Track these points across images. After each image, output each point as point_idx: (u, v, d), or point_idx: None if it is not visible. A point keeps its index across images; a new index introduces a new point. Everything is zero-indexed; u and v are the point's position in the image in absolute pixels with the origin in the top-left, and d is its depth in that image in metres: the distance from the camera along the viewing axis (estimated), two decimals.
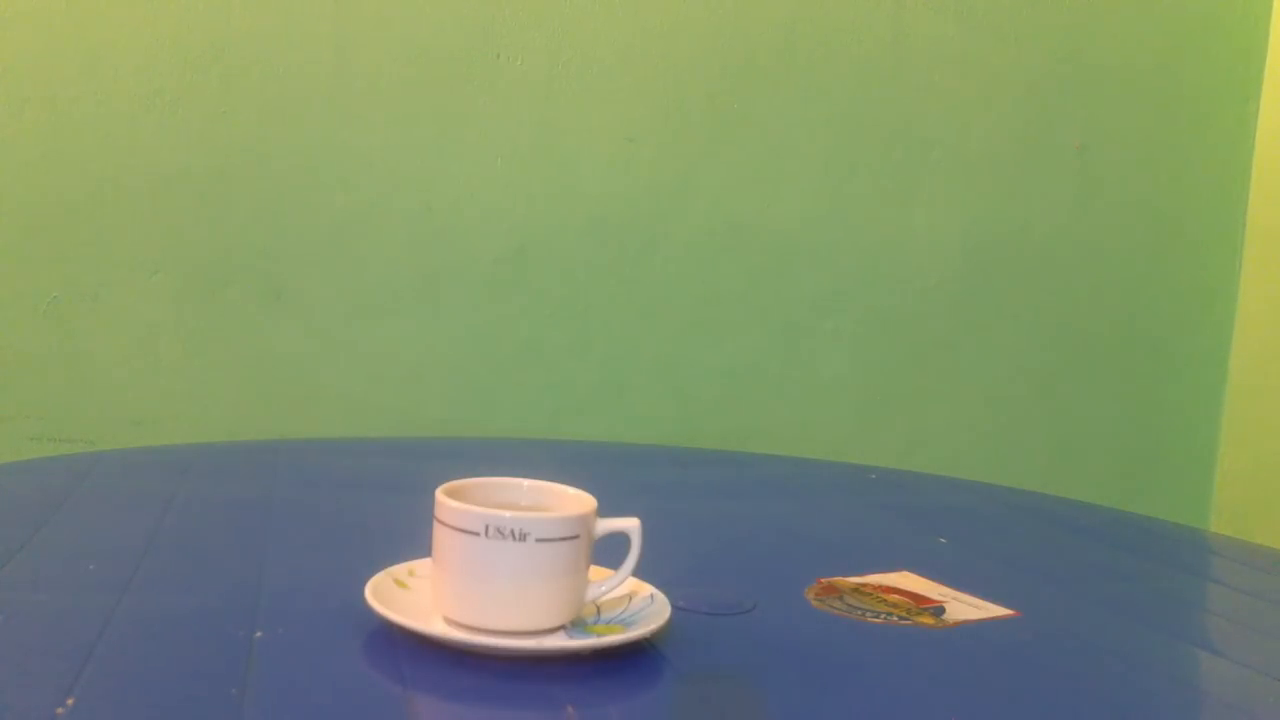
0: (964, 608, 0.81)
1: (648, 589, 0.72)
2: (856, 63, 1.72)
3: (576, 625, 0.67)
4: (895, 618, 0.77)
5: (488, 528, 0.63)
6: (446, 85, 1.57)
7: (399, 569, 0.71)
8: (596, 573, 0.68)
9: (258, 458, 1.17)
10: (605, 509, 0.68)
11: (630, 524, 0.68)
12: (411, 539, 0.74)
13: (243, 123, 1.51)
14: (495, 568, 0.64)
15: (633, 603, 0.70)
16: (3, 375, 1.46)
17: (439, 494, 0.66)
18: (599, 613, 0.69)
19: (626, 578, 0.68)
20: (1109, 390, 1.90)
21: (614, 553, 0.68)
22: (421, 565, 0.72)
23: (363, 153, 1.55)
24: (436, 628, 0.64)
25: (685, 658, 0.67)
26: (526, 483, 0.71)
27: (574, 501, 0.69)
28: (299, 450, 1.25)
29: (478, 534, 0.63)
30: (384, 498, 1.02)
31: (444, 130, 1.58)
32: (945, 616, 0.78)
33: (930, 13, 1.74)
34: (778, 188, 1.72)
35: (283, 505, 0.96)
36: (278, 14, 1.50)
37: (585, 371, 1.66)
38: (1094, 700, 0.65)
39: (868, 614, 0.77)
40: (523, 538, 0.63)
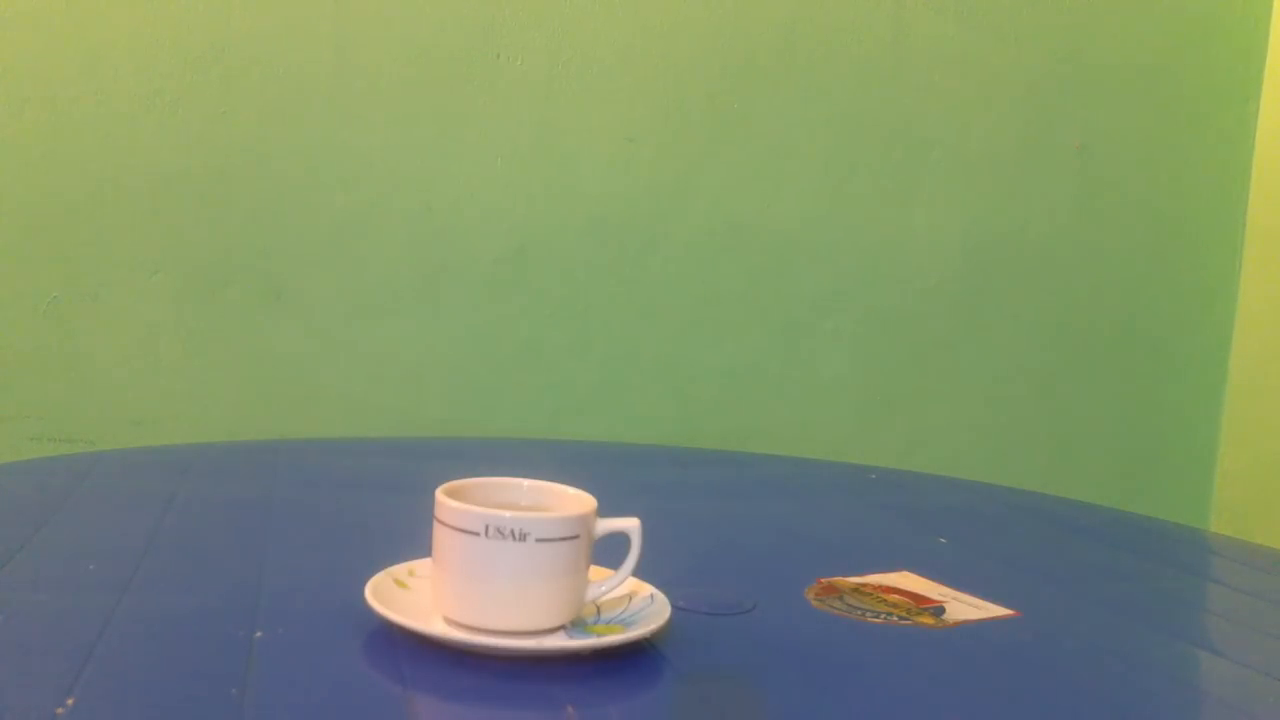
0: (964, 608, 0.81)
1: (648, 589, 0.72)
2: (856, 63, 1.72)
3: (576, 625, 0.67)
4: (895, 618, 0.77)
5: (488, 528, 0.63)
6: (446, 85, 1.57)
7: (399, 569, 0.71)
8: (596, 573, 0.68)
9: (258, 458, 1.17)
10: (605, 509, 0.68)
11: (630, 524, 0.68)
12: (411, 539, 0.74)
13: (243, 123, 1.51)
14: (495, 568, 0.64)
15: (633, 603, 0.70)
16: (3, 375, 1.46)
17: (439, 494, 0.66)
18: (599, 613, 0.69)
19: (626, 578, 0.68)
20: (1109, 390, 1.90)
21: (614, 553, 0.68)
22: (421, 565, 0.72)
23: (363, 153, 1.55)
24: (436, 628, 0.64)
25: (685, 658, 0.67)
26: (526, 483, 0.71)
27: (574, 501, 0.69)
28: (299, 450, 1.25)
29: (478, 534, 0.63)
30: (384, 498, 1.02)
31: (444, 130, 1.58)
32: (945, 616, 0.78)
33: (930, 13, 1.74)
34: (778, 188, 1.72)
35: (283, 505, 0.96)
36: (278, 14, 1.50)
37: (585, 371, 1.66)
38: (1094, 700, 0.65)
39: (868, 614, 0.77)
40: (523, 538, 0.63)
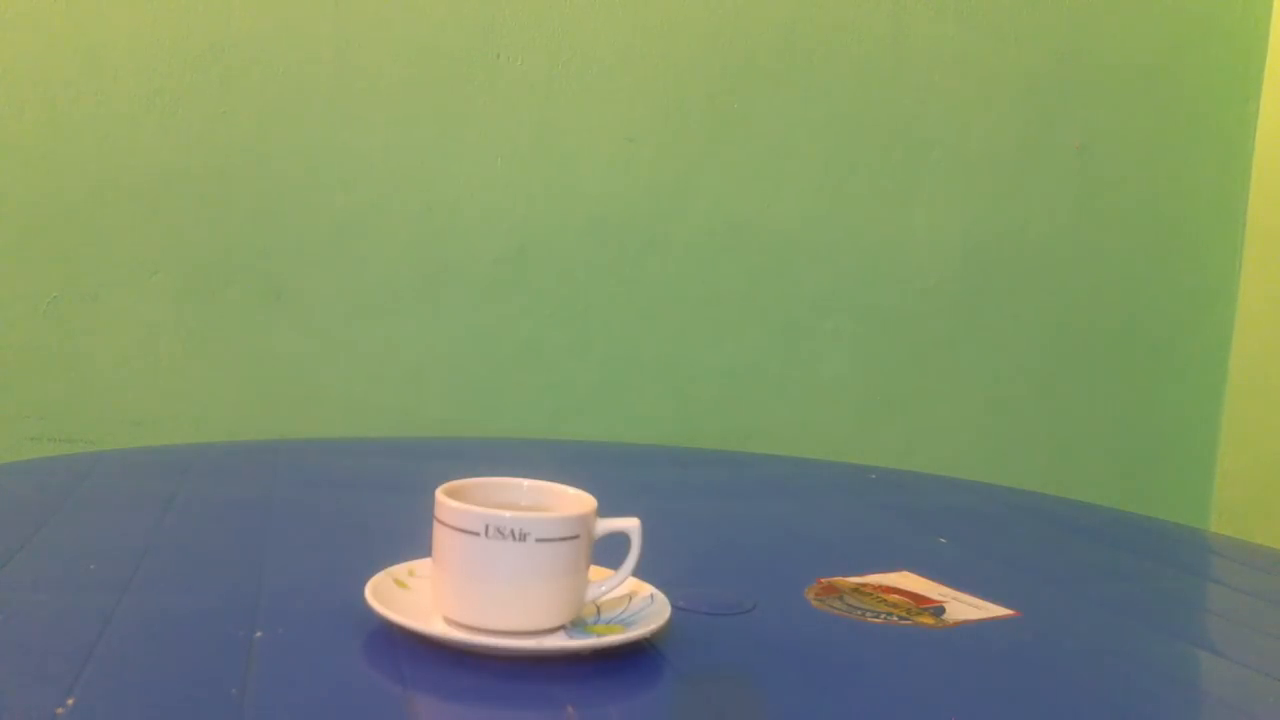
0: (964, 608, 0.81)
1: (648, 589, 0.72)
2: (856, 63, 1.72)
3: (576, 625, 0.67)
4: (895, 618, 0.77)
5: (488, 528, 0.63)
6: (446, 85, 1.57)
7: (399, 569, 0.71)
8: (596, 573, 0.68)
9: (258, 458, 1.17)
10: (605, 509, 0.68)
11: (630, 524, 0.68)
12: (411, 539, 0.74)
13: (243, 123, 1.51)
14: (495, 568, 0.64)
15: (633, 603, 0.70)
16: (3, 375, 1.46)
17: (439, 494, 0.66)
18: (599, 613, 0.69)
19: (626, 578, 0.68)
20: (1109, 390, 1.90)
21: (614, 553, 0.68)
22: (421, 565, 0.72)
23: (363, 153, 1.55)
24: (436, 628, 0.64)
25: (685, 658, 0.66)
26: (526, 483, 0.71)
27: (574, 501, 0.69)
28: (299, 450, 1.25)
29: (478, 534, 0.63)
30: (384, 498, 1.02)
31: (444, 130, 1.58)
32: (945, 616, 0.78)
33: (930, 13, 1.74)
34: (778, 188, 1.72)
35: (283, 505, 0.96)
36: (278, 14, 1.50)
37: (585, 371, 1.66)
38: (1094, 700, 0.65)
39: (868, 614, 0.77)
40: (523, 538, 0.63)
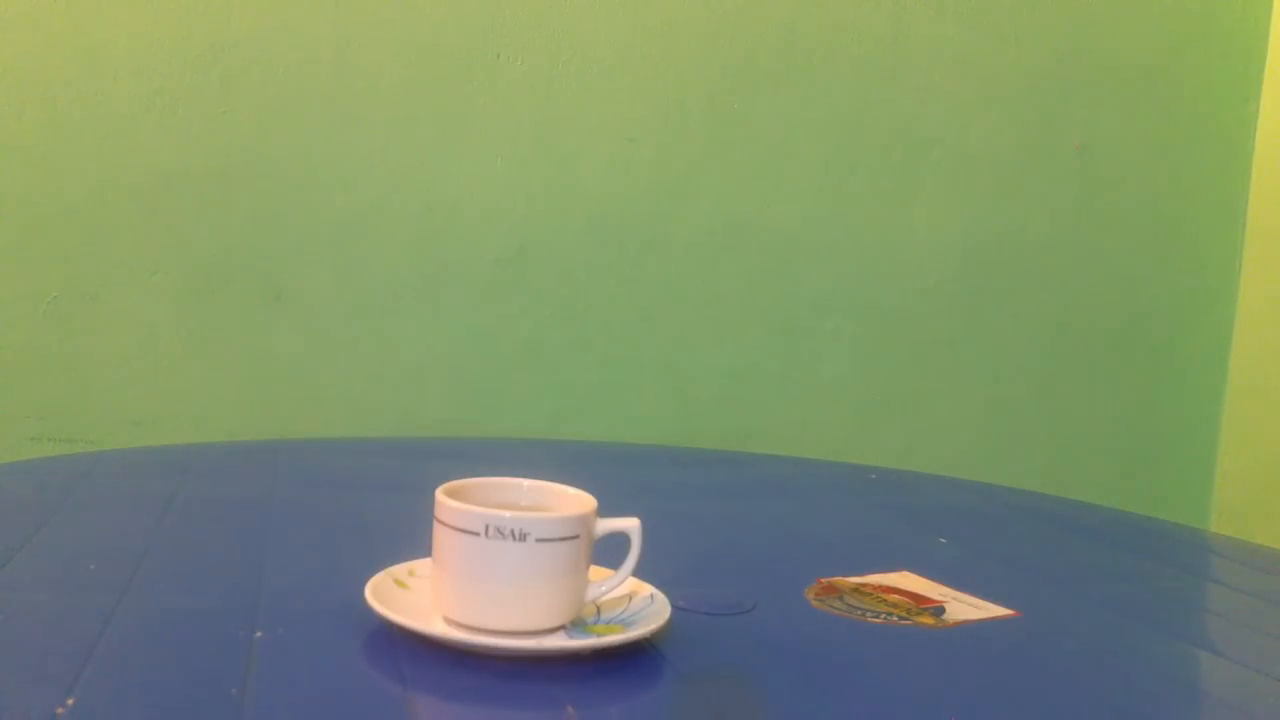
0: (964, 608, 0.81)
1: (648, 589, 0.72)
2: (856, 63, 1.72)
3: (576, 625, 0.67)
4: (895, 618, 0.77)
5: (488, 528, 0.63)
6: (446, 85, 1.57)
7: (399, 569, 0.71)
8: (596, 573, 0.68)
9: (258, 458, 1.17)
10: (605, 509, 0.68)
11: (630, 524, 0.68)
12: (411, 539, 0.74)
13: (243, 123, 1.51)
14: (495, 568, 0.64)
15: (633, 603, 0.70)
16: (3, 375, 1.46)
17: (439, 494, 0.66)
18: (599, 613, 0.69)
19: (626, 578, 0.68)
20: (1109, 390, 1.90)
21: (614, 553, 0.68)
22: (421, 565, 0.72)
23: (363, 153, 1.55)
24: (436, 628, 0.64)
25: (685, 658, 0.66)
26: (526, 483, 0.71)
27: (574, 501, 0.69)
28: (299, 450, 1.25)
29: (478, 534, 0.63)
30: (384, 498, 1.02)
31: (444, 130, 1.58)
32: (945, 616, 0.78)
33: (930, 13, 1.74)
34: (778, 188, 1.72)
35: (283, 505, 0.96)
36: (278, 14, 1.50)
37: (585, 371, 1.66)
38: (1094, 700, 0.65)
39: (868, 614, 0.77)
40: (523, 538, 0.63)
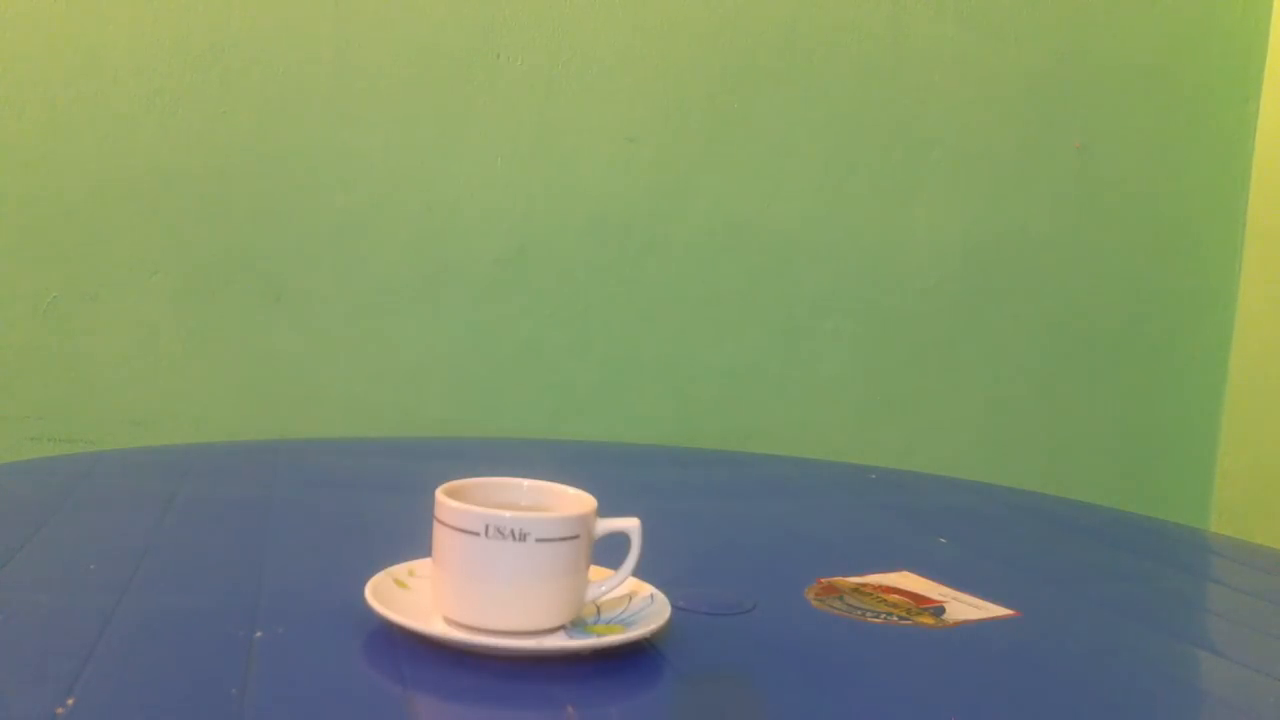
0: (964, 608, 0.81)
1: (648, 589, 0.72)
2: (856, 63, 1.72)
3: (576, 625, 0.67)
4: (895, 618, 0.77)
5: (488, 528, 0.63)
6: (446, 85, 1.57)
7: (399, 569, 0.71)
8: (596, 573, 0.68)
9: (258, 458, 1.17)
10: (605, 509, 0.68)
11: (630, 524, 0.68)
12: (411, 539, 0.74)
13: (243, 123, 1.50)
14: (495, 568, 0.64)
15: (633, 603, 0.70)
16: (3, 375, 1.46)
17: (439, 494, 0.66)
18: (599, 613, 0.69)
19: (626, 578, 0.68)
20: (1109, 390, 1.90)
21: (614, 553, 0.68)
22: (421, 565, 0.72)
23: (363, 153, 1.55)
24: (436, 628, 0.64)
25: (685, 658, 0.66)
26: (526, 483, 0.71)
27: (574, 501, 0.69)
28: (299, 450, 1.25)
29: (478, 534, 0.63)
30: (384, 498, 1.02)
31: (444, 130, 1.58)
32: (945, 616, 0.78)
33: (930, 13, 1.74)
34: (778, 188, 1.72)
35: (283, 505, 0.96)
36: (278, 14, 1.50)
37: (585, 371, 1.66)
38: (1094, 700, 0.65)
39: (868, 614, 0.77)
40: (523, 538, 0.63)
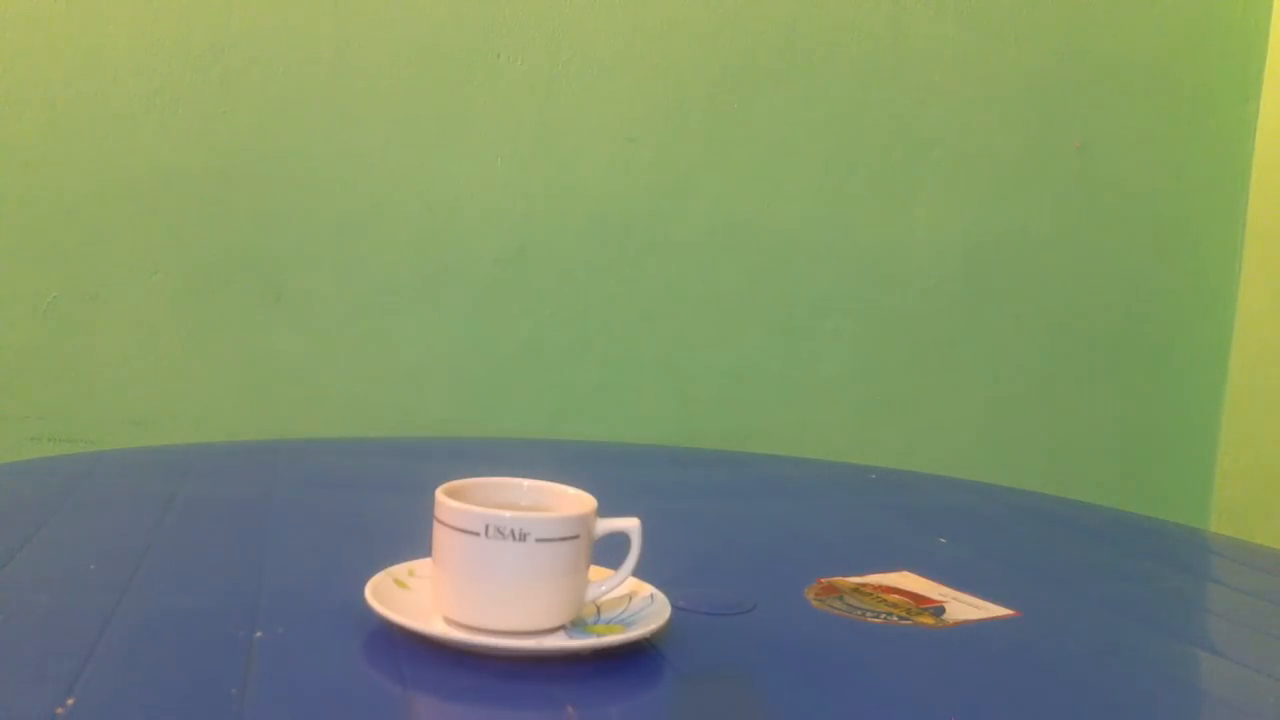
0: (964, 608, 0.81)
1: (648, 589, 0.72)
2: (856, 63, 1.72)
3: (576, 625, 0.67)
4: (895, 618, 0.77)
5: (488, 528, 0.63)
6: (446, 85, 1.57)
7: (399, 569, 0.71)
8: (596, 573, 0.68)
9: (258, 458, 1.17)
10: (605, 509, 0.68)
11: (630, 524, 0.68)
12: (411, 539, 0.74)
13: (243, 123, 1.51)
14: (495, 568, 0.64)
15: (633, 603, 0.70)
16: (3, 375, 1.46)
17: (439, 494, 0.66)
18: (599, 613, 0.69)
19: (626, 578, 0.68)
20: (1109, 390, 1.90)
21: (614, 553, 0.68)
22: (421, 565, 0.72)
23: (363, 153, 1.55)
24: (436, 628, 0.64)
25: (685, 658, 0.66)
26: (526, 483, 0.71)
27: (574, 501, 0.69)
28: (299, 450, 1.25)
29: (478, 534, 0.63)
30: (384, 498, 1.02)
31: (444, 130, 1.58)
32: (945, 616, 0.78)
33: (930, 13, 1.74)
34: (778, 188, 1.72)
35: (283, 505, 0.96)
36: (278, 14, 1.50)
37: (585, 371, 1.66)
38: (1094, 700, 0.65)
39: (868, 614, 0.77)
40: (523, 538, 0.63)
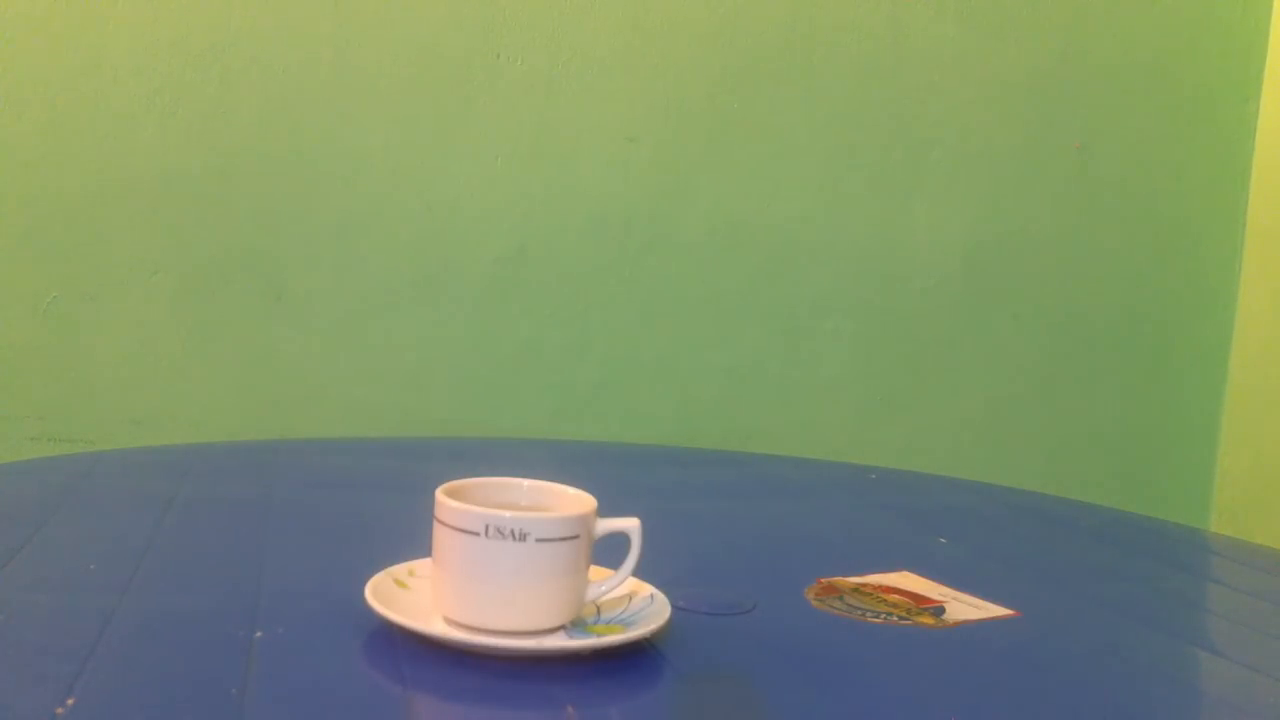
0: (964, 608, 0.81)
1: (648, 589, 0.72)
2: (856, 62, 1.72)
3: (576, 625, 0.67)
4: (895, 618, 0.77)
5: (488, 528, 0.63)
6: (446, 85, 1.57)
7: (399, 569, 0.71)
8: (596, 573, 0.68)
9: (258, 458, 1.17)
10: (605, 509, 0.68)
11: (630, 524, 0.68)
12: (411, 539, 0.74)
13: (243, 123, 1.51)
14: (495, 568, 0.64)
15: (633, 603, 0.70)
16: (3, 375, 1.46)
17: (439, 494, 0.66)
18: (599, 613, 0.69)
19: (626, 578, 0.68)
20: (1109, 390, 1.90)
21: (614, 553, 0.68)
22: (421, 565, 0.72)
23: (363, 153, 1.55)
24: (436, 628, 0.64)
25: (685, 658, 0.66)
26: (526, 483, 0.71)
27: (574, 501, 0.69)
28: (299, 450, 1.25)
29: (478, 534, 0.63)
30: (384, 498, 1.02)
31: (444, 130, 1.58)
32: (945, 616, 0.78)
33: (930, 13, 1.74)
34: (778, 187, 1.72)
35: (283, 505, 0.96)
36: (278, 14, 1.50)
37: (585, 371, 1.66)
38: (1094, 700, 0.65)
39: (868, 614, 0.77)
40: (523, 538, 0.63)
